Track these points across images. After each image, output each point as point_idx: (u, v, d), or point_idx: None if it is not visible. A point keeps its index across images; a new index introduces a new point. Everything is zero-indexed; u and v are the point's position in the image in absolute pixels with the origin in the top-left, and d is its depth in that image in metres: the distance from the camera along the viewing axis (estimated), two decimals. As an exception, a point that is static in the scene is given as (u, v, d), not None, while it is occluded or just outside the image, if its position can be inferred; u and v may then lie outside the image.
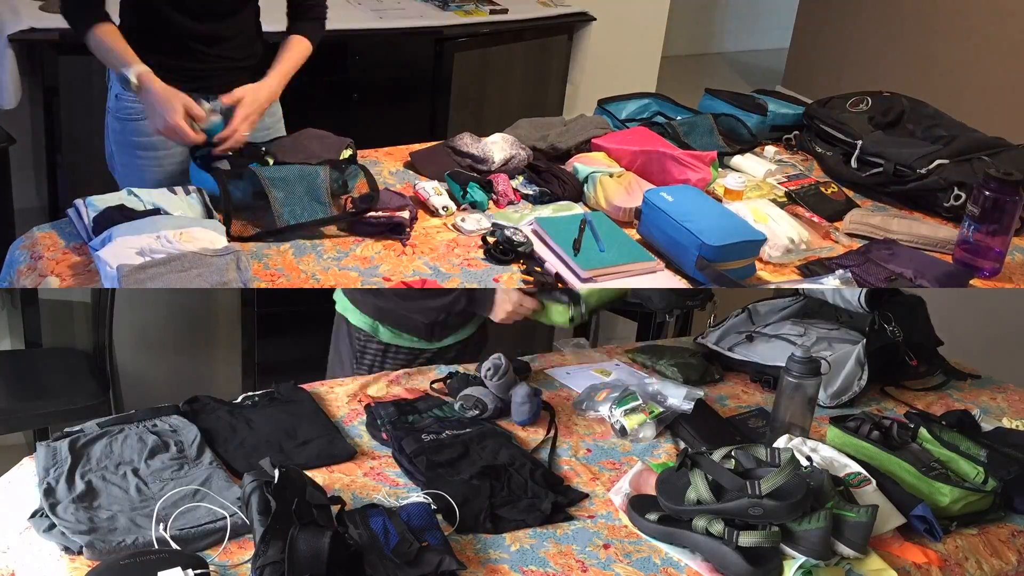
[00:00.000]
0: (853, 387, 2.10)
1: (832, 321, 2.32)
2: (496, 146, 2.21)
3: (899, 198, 2.29)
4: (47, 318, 2.98)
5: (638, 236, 2.01)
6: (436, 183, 2.10)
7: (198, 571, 1.29)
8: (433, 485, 1.60)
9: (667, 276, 1.91)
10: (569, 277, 1.86)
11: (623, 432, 1.86)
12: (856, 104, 2.53)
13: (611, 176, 2.12)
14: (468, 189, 2.07)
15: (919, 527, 1.61)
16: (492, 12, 3.67)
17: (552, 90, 4.03)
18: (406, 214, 1.94)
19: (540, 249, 1.93)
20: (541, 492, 1.63)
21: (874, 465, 1.69)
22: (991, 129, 2.43)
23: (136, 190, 1.89)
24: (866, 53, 5.34)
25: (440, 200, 2.04)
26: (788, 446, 1.68)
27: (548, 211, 2.08)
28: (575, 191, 2.14)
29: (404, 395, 1.98)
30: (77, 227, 1.83)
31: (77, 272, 1.75)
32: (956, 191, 2.19)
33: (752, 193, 2.23)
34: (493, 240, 1.91)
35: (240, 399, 1.89)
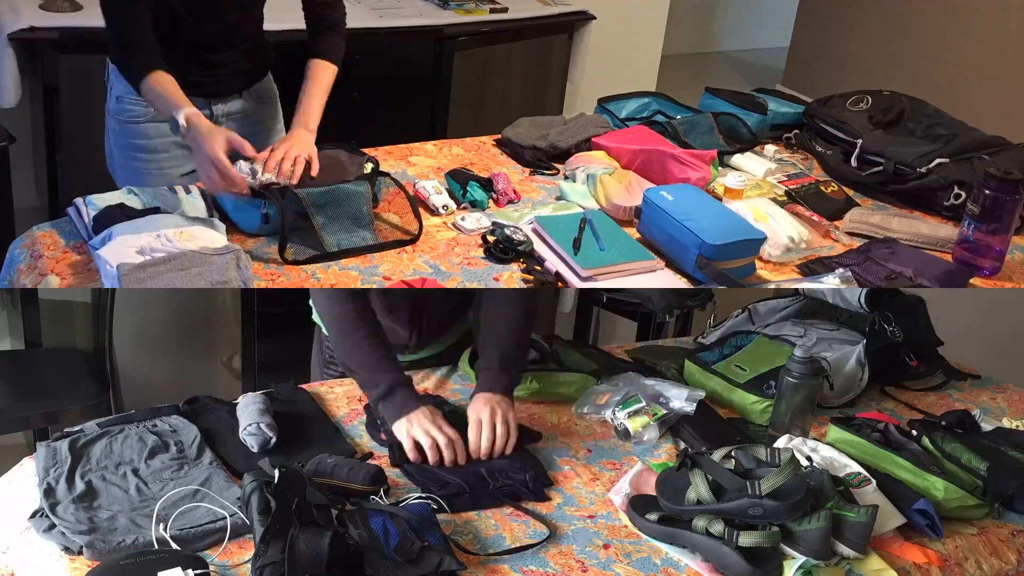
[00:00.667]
0: (854, 387, 2.10)
1: (832, 321, 2.32)
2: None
3: (899, 197, 2.29)
4: (47, 318, 2.98)
5: (638, 235, 2.01)
6: (436, 182, 2.10)
7: (198, 571, 1.29)
8: (430, 480, 1.62)
9: (667, 275, 1.91)
10: (569, 276, 1.86)
11: (626, 435, 1.86)
12: (856, 103, 2.53)
13: (610, 175, 2.12)
14: (468, 188, 2.07)
15: (920, 522, 1.61)
16: (492, 11, 3.67)
17: (552, 89, 4.03)
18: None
19: (540, 248, 1.93)
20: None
21: (874, 464, 1.69)
22: (991, 128, 2.43)
23: (136, 189, 1.89)
24: (866, 52, 5.34)
25: (440, 199, 2.04)
26: (788, 446, 1.69)
27: (548, 210, 2.08)
28: None
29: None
30: (77, 226, 1.83)
31: (77, 271, 1.75)
32: (956, 190, 2.19)
33: (752, 192, 2.23)
34: (493, 239, 1.91)
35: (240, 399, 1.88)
